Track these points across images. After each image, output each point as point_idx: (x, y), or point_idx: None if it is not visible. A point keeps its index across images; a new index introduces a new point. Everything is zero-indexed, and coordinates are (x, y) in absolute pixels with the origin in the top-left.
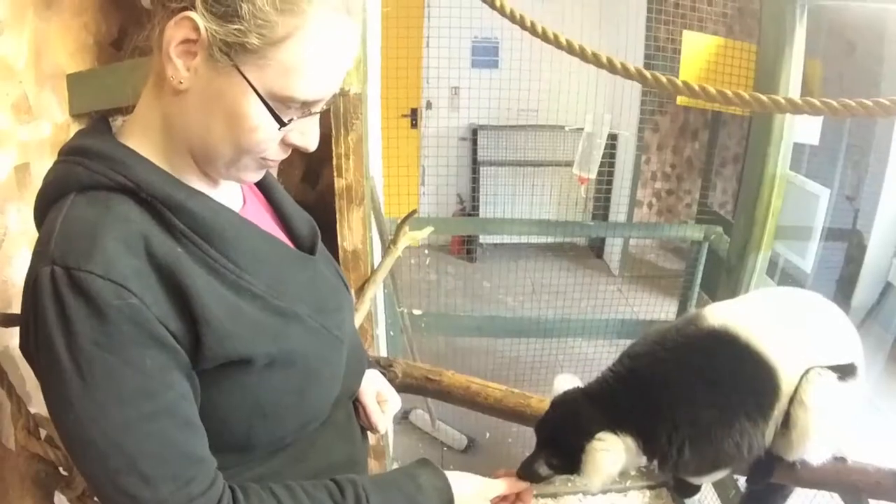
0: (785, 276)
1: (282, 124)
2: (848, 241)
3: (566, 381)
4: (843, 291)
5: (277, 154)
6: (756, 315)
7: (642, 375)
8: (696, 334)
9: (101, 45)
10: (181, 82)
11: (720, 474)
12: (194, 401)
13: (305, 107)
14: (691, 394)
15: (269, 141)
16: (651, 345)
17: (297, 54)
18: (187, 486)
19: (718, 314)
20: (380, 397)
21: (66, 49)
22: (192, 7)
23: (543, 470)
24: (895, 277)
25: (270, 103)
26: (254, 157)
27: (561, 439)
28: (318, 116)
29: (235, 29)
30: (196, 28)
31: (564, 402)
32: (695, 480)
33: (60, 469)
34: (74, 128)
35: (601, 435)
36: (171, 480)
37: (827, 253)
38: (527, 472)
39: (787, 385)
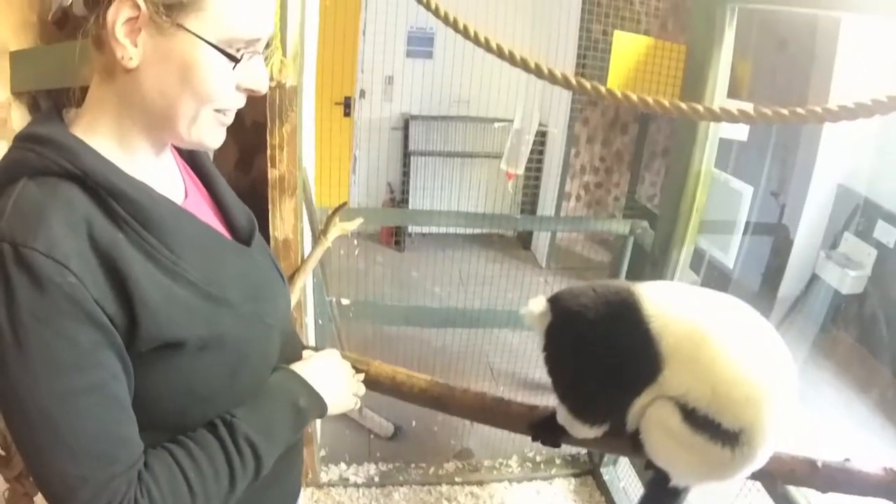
0: (710, 269)
1: (234, 60)
2: (774, 235)
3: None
4: (769, 283)
5: (233, 101)
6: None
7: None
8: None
9: (44, 22)
10: (132, 59)
11: (582, 428)
12: (126, 382)
13: (249, 45)
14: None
15: (225, 84)
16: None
17: None
18: (111, 465)
19: (660, 303)
20: None
21: (9, 25)
22: None
23: None
24: (822, 269)
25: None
26: (211, 109)
27: None
28: (262, 58)
29: None
30: (135, 4)
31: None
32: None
33: None
34: (15, 106)
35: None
36: (96, 458)
37: (751, 247)
38: None
39: (667, 381)
